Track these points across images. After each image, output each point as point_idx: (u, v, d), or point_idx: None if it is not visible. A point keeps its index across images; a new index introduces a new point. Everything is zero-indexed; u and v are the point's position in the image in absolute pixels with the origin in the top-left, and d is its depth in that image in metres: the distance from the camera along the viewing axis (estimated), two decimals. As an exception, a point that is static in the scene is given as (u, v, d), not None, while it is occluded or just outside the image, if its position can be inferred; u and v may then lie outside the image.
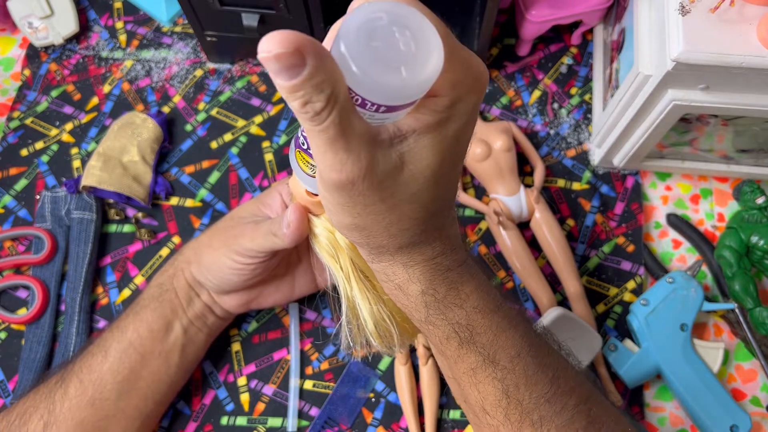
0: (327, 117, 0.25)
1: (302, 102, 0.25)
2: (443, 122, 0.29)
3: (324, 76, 0.24)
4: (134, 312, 0.52)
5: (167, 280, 0.53)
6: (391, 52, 0.25)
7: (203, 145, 0.66)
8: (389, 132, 0.29)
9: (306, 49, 0.23)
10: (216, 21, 0.62)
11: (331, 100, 0.25)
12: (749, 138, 0.56)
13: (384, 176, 0.29)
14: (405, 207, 0.31)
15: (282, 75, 0.24)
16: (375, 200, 0.30)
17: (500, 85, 0.69)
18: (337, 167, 0.27)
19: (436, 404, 0.56)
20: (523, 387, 0.35)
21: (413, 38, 0.25)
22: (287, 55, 0.23)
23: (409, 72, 0.25)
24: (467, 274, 0.35)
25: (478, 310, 0.35)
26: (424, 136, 0.29)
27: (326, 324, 0.60)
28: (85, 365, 0.49)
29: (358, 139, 0.27)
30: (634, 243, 0.62)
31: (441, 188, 0.31)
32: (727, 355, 0.59)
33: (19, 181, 0.65)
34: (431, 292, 0.35)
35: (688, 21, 0.45)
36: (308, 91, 0.24)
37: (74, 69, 0.69)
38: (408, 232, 0.32)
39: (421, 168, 0.29)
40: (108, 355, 0.50)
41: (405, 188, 0.30)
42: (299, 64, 0.23)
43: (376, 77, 0.25)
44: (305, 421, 0.57)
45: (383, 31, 0.25)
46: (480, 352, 0.35)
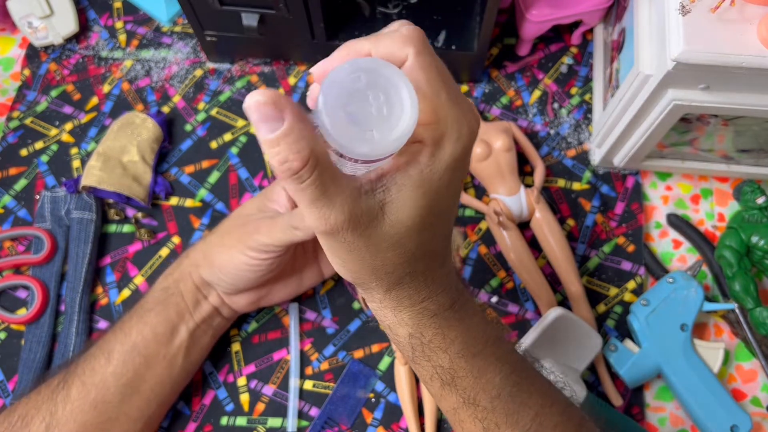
0: (307, 177, 0.27)
1: (281, 159, 0.26)
2: (426, 174, 0.30)
3: (300, 135, 0.26)
4: (138, 315, 0.51)
5: (173, 284, 0.52)
6: (364, 116, 0.27)
7: (203, 145, 0.66)
8: (371, 182, 0.30)
9: (284, 107, 0.25)
10: (216, 21, 0.62)
11: (310, 161, 0.26)
12: (749, 138, 0.56)
13: (366, 225, 0.30)
14: (389, 253, 0.32)
15: (261, 127, 0.26)
16: (359, 246, 0.31)
17: (500, 85, 0.69)
18: (322, 220, 0.29)
19: (436, 404, 0.56)
20: (503, 426, 0.36)
21: (386, 102, 0.27)
22: (265, 105, 0.25)
23: (380, 134, 0.27)
24: (454, 319, 0.36)
25: (460, 355, 0.36)
26: (405, 186, 0.30)
27: (326, 324, 0.60)
28: (88, 367, 0.49)
29: (341, 195, 0.28)
30: (635, 243, 0.62)
31: (426, 235, 0.32)
32: (728, 355, 0.59)
33: (19, 181, 0.65)
34: (418, 335, 0.36)
35: (688, 21, 0.45)
36: (284, 148, 0.26)
37: (74, 69, 0.69)
38: (393, 276, 0.33)
39: (403, 217, 0.30)
40: (111, 358, 0.49)
41: (387, 236, 0.31)
42: (276, 118, 0.25)
43: (348, 142, 0.26)
44: (305, 421, 0.57)
45: (360, 94, 0.27)
46: (461, 395, 0.36)
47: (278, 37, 0.63)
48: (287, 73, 0.69)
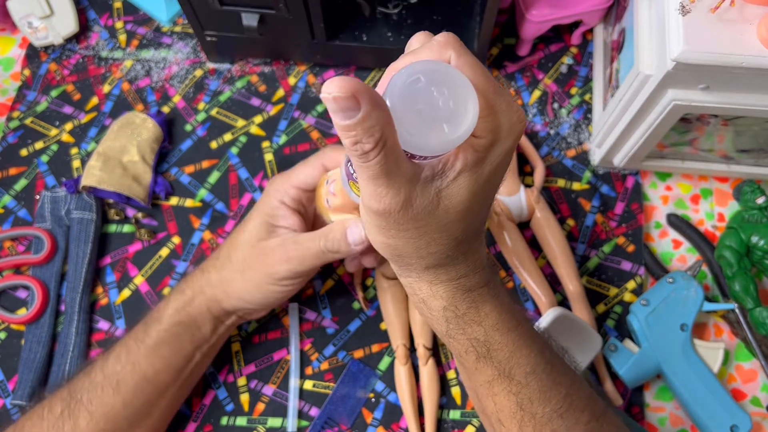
0: (374, 158, 0.28)
1: (353, 141, 0.28)
2: (480, 163, 0.31)
3: (375, 121, 0.27)
4: (149, 347, 0.50)
5: (187, 318, 0.51)
6: (433, 112, 0.28)
7: (203, 145, 0.66)
8: (431, 170, 0.31)
9: (361, 95, 0.26)
10: (216, 21, 0.62)
11: (379, 144, 0.28)
12: (749, 138, 0.56)
13: (419, 210, 0.31)
14: (435, 235, 0.33)
15: (338, 115, 0.27)
16: (408, 228, 0.32)
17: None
18: (377, 198, 0.31)
19: (436, 404, 0.56)
20: (536, 401, 0.37)
21: (451, 95, 0.28)
22: (344, 99, 0.26)
23: (450, 127, 0.28)
24: (488, 295, 0.37)
25: (496, 328, 0.37)
26: (461, 175, 0.31)
27: (326, 324, 0.60)
28: (95, 398, 0.48)
29: (401, 178, 0.30)
30: (635, 243, 0.62)
31: (471, 221, 0.33)
32: (728, 355, 0.59)
33: (19, 181, 0.65)
34: (452, 308, 0.37)
35: (688, 21, 0.45)
36: (359, 132, 0.27)
37: (74, 69, 0.69)
38: (435, 256, 0.34)
39: (454, 203, 0.32)
40: (120, 389, 0.48)
41: (437, 220, 0.32)
42: (354, 108, 0.26)
43: (422, 139, 0.28)
44: (305, 421, 0.57)
45: (424, 92, 0.28)
46: (496, 367, 0.37)
47: (278, 37, 0.63)
48: (287, 73, 0.69)
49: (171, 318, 0.51)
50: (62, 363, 0.57)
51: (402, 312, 0.57)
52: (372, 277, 0.61)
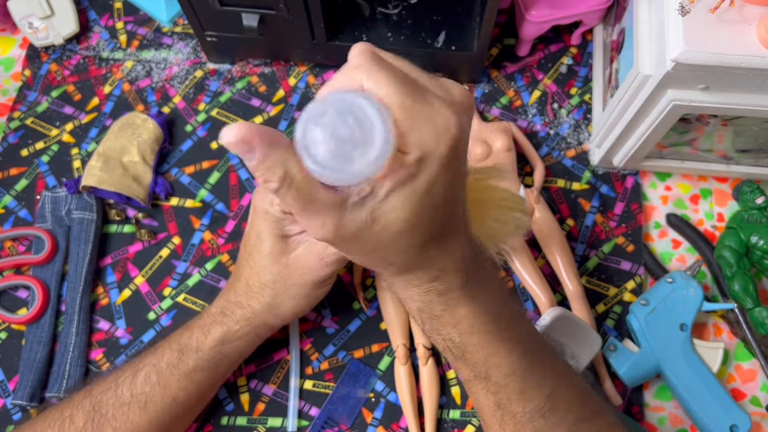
0: (285, 193, 0.30)
1: (262, 180, 0.29)
2: (412, 177, 0.30)
3: (274, 161, 0.29)
4: (183, 373, 0.49)
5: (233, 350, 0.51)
6: (341, 143, 0.28)
7: (203, 145, 0.66)
8: (358, 194, 0.31)
9: (255, 139, 0.28)
10: (216, 21, 0.62)
11: (285, 181, 0.29)
12: (749, 138, 0.57)
13: (355, 233, 0.31)
14: (387, 250, 0.33)
15: (244, 157, 0.29)
16: (354, 247, 0.33)
17: (500, 85, 0.69)
18: (310, 229, 0.31)
19: (435, 404, 0.56)
20: (516, 402, 0.37)
21: (357, 124, 0.28)
22: (236, 144, 0.28)
23: (361, 156, 0.28)
24: (465, 297, 0.36)
25: (471, 332, 0.37)
26: (393, 193, 0.30)
27: (326, 324, 0.60)
28: (120, 415, 0.48)
29: (323, 209, 0.30)
30: (634, 243, 0.62)
31: (422, 230, 0.33)
32: (727, 355, 0.59)
33: (20, 182, 0.65)
34: (427, 310, 0.37)
35: (687, 21, 0.45)
36: (262, 172, 0.29)
37: (75, 69, 0.69)
38: (395, 266, 0.35)
39: (393, 220, 0.31)
40: (147, 408, 0.48)
41: (380, 237, 0.32)
42: (249, 151, 0.28)
43: (334, 171, 0.28)
44: (305, 421, 0.57)
45: (330, 125, 0.28)
46: (472, 369, 0.38)
47: (278, 37, 0.63)
48: (287, 73, 0.69)
49: (213, 350, 0.50)
50: (62, 363, 0.57)
51: (402, 312, 0.57)
52: (372, 277, 0.61)
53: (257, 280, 0.50)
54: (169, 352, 0.50)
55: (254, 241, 0.50)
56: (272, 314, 0.51)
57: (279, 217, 0.49)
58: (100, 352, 0.59)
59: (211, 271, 0.62)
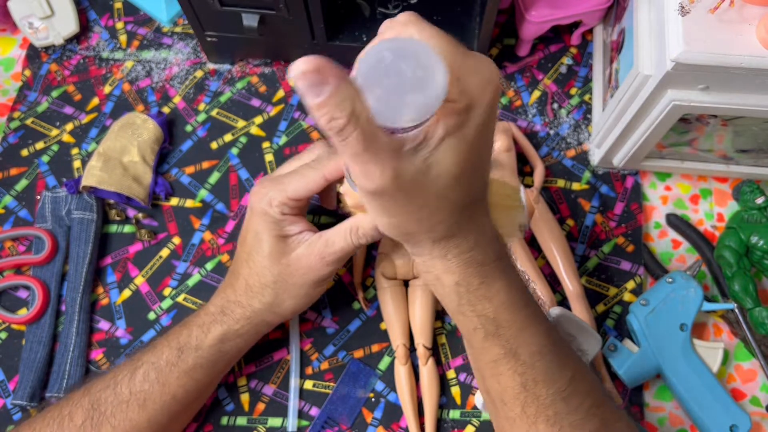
0: (351, 133, 0.29)
1: (327, 118, 0.28)
2: (462, 125, 0.32)
3: (344, 95, 0.28)
4: (182, 370, 0.49)
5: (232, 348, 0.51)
6: (401, 84, 0.29)
7: (203, 145, 0.66)
8: (413, 141, 0.31)
9: (329, 71, 0.27)
10: (216, 21, 0.62)
11: (352, 118, 0.28)
12: (749, 138, 0.57)
13: (410, 182, 0.32)
14: (434, 204, 0.33)
15: (309, 93, 0.28)
16: (405, 202, 0.33)
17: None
18: (366, 177, 0.31)
19: (435, 404, 0.56)
20: (541, 383, 0.38)
21: (418, 65, 0.29)
22: (312, 74, 0.27)
23: (421, 96, 0.29)
24: (499, 270, 0.37)
25: (505, 306, 0.37)
26: (445, 140, 0.32)
27: (326, 324, 0.60)
28: (119, 413, 0.48)
29: (383, 153, 0.30)
30: (634, 243, 0.62)
31: (467, 184, 0.34)
32: (727, 355, 0.59)
33: (20, 182, 0.65)
34: (464, 283, 0.37)
35: (687, 21, 0.45)
36: (331, 108, 0.28)
37: (75, 69, 0.69)
38: (441, 226, 0.35)
39: (445, 169, 0.32)
40: (146, 406, 0.48)
41: (431, 188, 0.33)
42: (322, 82, 0.27)
43: (394, 111, 0.29)
44: (305, 421, 0.57)
45: (391, 67, 0.29)
46: (503, 345, 0.38)
47: (278, 37, 0.63)
48: (287, 73, 0.69)
49: (212, 348, 0.50)
50: (62, 363, 0.57)
51: (402, 312, 0.57)
52: (372, 277, 0.61)
53: (257, 281, 0.50)
54: (168, 350, 0.50)
55: (252, 242, 0.50)
56: (272, 313, 0.51)
57: (278, 218, 0.49)
58: (100, 352, 0.59)
59: (211, 271, 0.62)
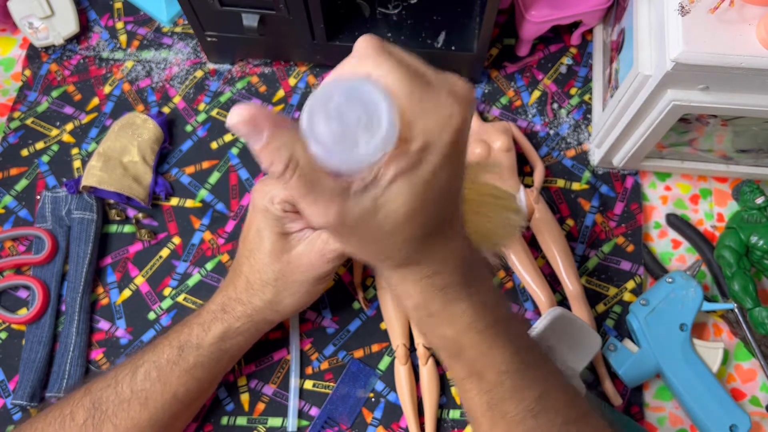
0: (290, 178, 0.29)
1: (267, 163, 0.29)
2: (415, 166, 0.30)
3: (280, 143, 0.28)
4: (184, 369, 0.49)
5: (233, 346, 0.51)
6: (347, 129, 0.28)
7: (203, 145, 0.66)
8: (362, 181, 0.30)
9: (263, 120, 0.28)
10: (216, 21, 0.62)
11: (290, 164, 0.29)
12: (749, 138, 0.57)
13: (357, 221, 0.31)
14: (387, 240, 0.33)
15: (248, 141, 0.29)
16: (354, 236, 0.33)
17: (500, 85, 0.69)
18: (312, 216, 0.31)
19: (435, 404, 0.56)
20: (508, 401, 0.37)
21: (364, 110, 0.28)
22: (245, 124, 0.28)
23: (366, 142, 0.28)
24: (463, 293, 0.36)
25: (468, 329, 0.37)
26: (396, 181, 0.30)
27: (326, 324, 0.60)
28: (121, 412, 0.48)
29: (326, 195, 0.30)
30: (634, 243, 0.62)
31: (423, 219, 0.33)
32: (727, 354, 0.59)
33: (20, 182, 0.65)
34: (423, 307, 0.37)
35: (687, 21, 0.45)
36: (268, 154, 0.28)
37: (75, 69, 0.69)
38: (394, 258, 0.35)
39: (395, 209, 0.31)
40: (148, 405, 0.48)
41: (382, 226, 0.32)
42: (257, 132, 0.28)
43: (338, 157, 0.28)
44: (305, 420, 0.57)
45: (336, 111, 0.28)
46: (466, 367, 0.38)
47: (278, 37, 0.63)
48: (287, 74, 0.69)
49: (213, 346, 0.50)
50: (62, 363, 0.57)
51: (402, 312, 0.57)
52: (372, 277, 0.61)
53: (258, 278, 0.50)
54: (169, 349, 0.50)
55: (254, 239, 0.50)
56: (273, 310, 0.51)
57: (279, 215, 0.49)
58: (100, 352, 0.59)
59: (211, 271, 0.62)
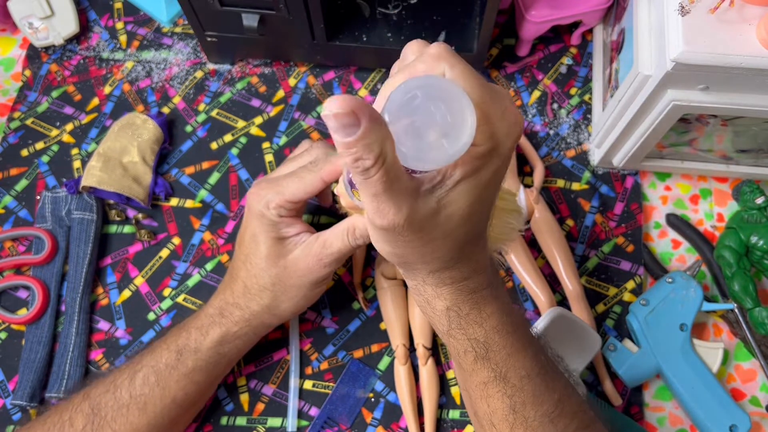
0: (375, 174, 0.29)
1: (354, 158, 0.28)
2: (479, 169, 0.32)
3: (374, 137, 0.27)
4: (182, 373, 0.49)
5: (232, 350, 0.51)
6: (431, 127, 0.28)
7: (203, 146, 0.66)
8: (430, 181, 0.31)
9: (361, 112, 0.27)
10: (216, 21, 0.62)
11: (379, 160, 0.28)
12: (749, 138, 0.57)
13: (422, 221, 0.32)
14: (440, 242, 0.34)
15: (339, 132, 0.27)
16: (413, 238, 0.33)
17: (500, 85, 0.69)
18: (381, 215, 0.31)
19: (435, 404, 0.56)
20: (529, 405, 0.38)
21: (448, 109, 0.28)
22: (344, 116, 0.26)
23: (449, 141, 0.28)
24: (491, 297, 0.38)
25: (496, 330, 0.37)
26: (461, 183, 0.32)
27: (326, 324, 0.60)
28: (120, 417, 0.48)
29: (402, 194, 0.30)
30: (634, 243, 0.62)
31: (473, 224, 0.34)
32: (727, 355, 0.59)
33: (20, 182, 0.65)
34: (455, 309, 0.37)
35: (687, 21, 0.45)
36: (360, 149, 0.27)
37: (75, 70, 0.69)
38: (440, 261, 0.35)
39: (456, 209, 0.32)
40: (147, 410, 0.48)
41: (441, 228, 0.33)
42: (354, 124, 0.27)
43: (421, 154, 0.28)
44: (305, 421, 0.57)
45: (421, 108, 0.28)
46: (493, 369, 0.38)
47: (278, 37, 0.63)
48: (287, 74, 0.69)
49: (211, 350, 0.50)
50: (62, 363, 0.57)
51: (401, 312, 0.57)
52: (372, 277, 0.61)
53: (255, 283, 0.50)
54: (167, 353, 0.50)
55: (249, 244, 0.50)
56: (271, 314, 0.51)
57: (275, 220, 0.49)
58: (99, 353, 0.59)
59: (211, 272, 0.62)
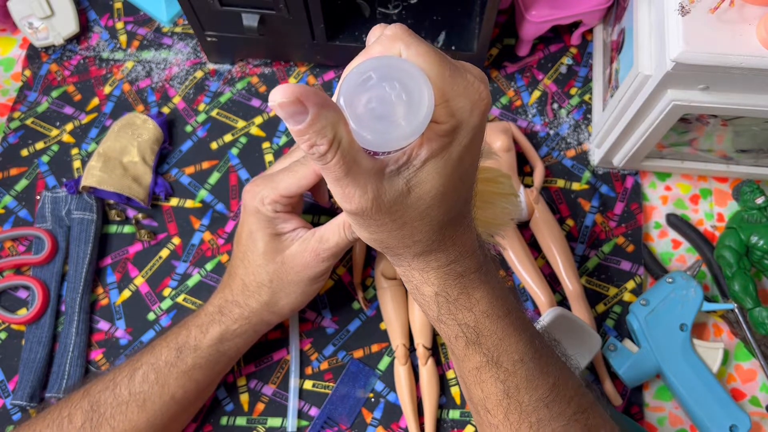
0: (332, 158, 0.29)
1: (308, 144, 0.28)
2: (446, 147, 0.31)
3: (325, 122, 0.27)
4: (181, 371, 0.49)
5: (231, 348, 0.51)
6: (386, 107, 0.28)
7: (203, 146, 0.66)
8: (395, 162, 0.31)
9: (307, 98, 0.27)
10: (216, 21, 0.62)
11: (334, 144, 0.28)
12: (749, 138, 0.57)
13: (391, 203, 0.31)
14: (416, 223, 0.33)
15: (289, 121, 0.27)
16: (386, 221, 0.33)
17: (500, 85, 0.69)
18: (347, 199, 0.31)
19: (435, 404, 0.56)
20: (523, 390, 0.37)
21: (403, 88, 0.28)
22: (289, 104, 0.26)
23: (406, 120, 0.28)
24: (479, 281, 0.37)
25: (486, 315, 0.37)
26: (428, 162, 0.31)
27: (326, 324, 0.60)
28: (119, 414, 0.48)
29: (364, 175, 0.30)
30: (634, 243, 0.62)
31: (450, 203, 0.33)
32: (727, 355, 0.59)
33: (20, 182, 0.65)
34: (444, 294, 0.37)
35: (687, 21, 0.45)
36: (312, 135, 0.28)
37: (75, 70, 0.69)
38: (421, 243, 0.35)
39: (427, 189, 0.32)
40: (146, 407, 0.48)
41: (413, 209, 0.32)
42: (301, 112, 0.27)
43: (378, 135, 0.28)
44: (305, 421, 0.57)
45: (375, 89, 0.28)
46: (484, 353, 0.37)
47: (278, 37, 0.63)
48: (287, 74, 0.69)
49: (211, 348, 0.50)
50: (62, 363, 0.57)
51: (401, 312, 0.57)
52: (372, 277, 0.61)
53: (253, 280, 0.50)
54: (167, 350, 0.50)
55: (247, 241, 0.50)
56: (270, 312, 0.51)
57: (271, 216, 0.49)
58: (99, 353, 0.59)
59: (211, 272, 0.62)
